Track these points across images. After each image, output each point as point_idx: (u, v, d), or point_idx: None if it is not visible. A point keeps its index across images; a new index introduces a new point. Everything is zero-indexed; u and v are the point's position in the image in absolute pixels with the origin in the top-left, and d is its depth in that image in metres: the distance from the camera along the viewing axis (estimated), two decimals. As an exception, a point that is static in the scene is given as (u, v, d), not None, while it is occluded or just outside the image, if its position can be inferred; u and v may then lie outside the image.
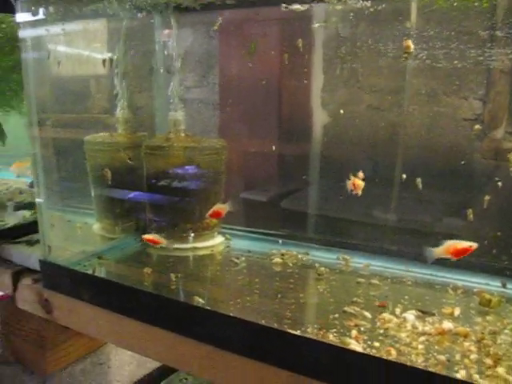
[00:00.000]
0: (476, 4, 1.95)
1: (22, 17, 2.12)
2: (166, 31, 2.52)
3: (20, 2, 2.10)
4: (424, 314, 1.75)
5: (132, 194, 2.41)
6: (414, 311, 1.75)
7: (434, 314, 1.75)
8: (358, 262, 2.19)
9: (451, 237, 2.04)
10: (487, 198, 1.99)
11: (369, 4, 2.07)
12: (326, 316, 1.72)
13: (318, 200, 2.47)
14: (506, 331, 1.64)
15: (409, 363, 1.41)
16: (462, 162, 2.19)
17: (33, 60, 2.19)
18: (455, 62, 2.06)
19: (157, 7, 2.47)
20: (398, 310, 1.76)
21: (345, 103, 2.47)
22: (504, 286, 1.98)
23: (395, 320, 1.69)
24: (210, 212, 2.17)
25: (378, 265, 2.17)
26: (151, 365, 3.00)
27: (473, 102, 2.20)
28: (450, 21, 2.07)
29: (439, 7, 2.04)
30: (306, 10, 2.26)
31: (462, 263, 2.11)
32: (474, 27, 2.02)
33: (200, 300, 1.81)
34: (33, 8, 2.16)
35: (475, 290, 1.96)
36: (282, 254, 2.24)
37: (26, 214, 2.80)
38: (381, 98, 2.38)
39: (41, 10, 2.21)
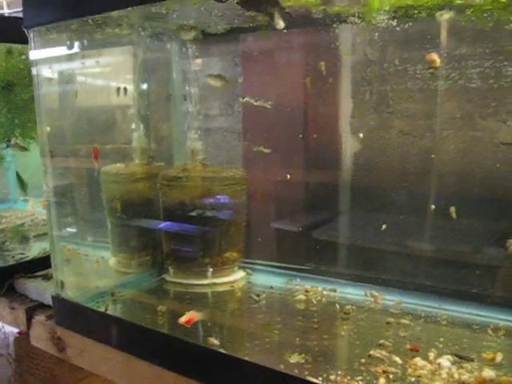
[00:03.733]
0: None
1: (35, 54, 2.06)
2: (197, 60, 2.45)
3: (33, 36, 2.04)
4: (461, 359, 1.57)
5: (148, 227, 2.30)
6: (449, 356, 1.57)
7: (472, 360, 1.57)
8: (390, 299, 2.02)
9: (490, 268, 1.89)
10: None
11: (394, 23, 1.96)
12: (351, 361, 1.56)
13: (347, 231, 2.33)
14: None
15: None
16: (501, 190, 2.03)
17: (48, 91, 2.14)
18: (491, 81, 1.92)
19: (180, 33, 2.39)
20: (431, 355, 1.59)
21: (375, 129, 2.34)
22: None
23: (429, 366, 1.52)
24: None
25: (410, 302, 2.00)
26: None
27: None
28: (485, 38, 1.93)
29: (470, 25, 1.90)
30: (333, 34, 2.17)
31: (503, 300, 1.94)
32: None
33: (214, 341, 1.68)
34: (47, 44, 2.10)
35: (522, 331, 1.77)
36: (307, 291, 2.10)
37: (46, 247, 2.73)
38: (413, 123, 2.24)
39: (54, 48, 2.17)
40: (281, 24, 1.65)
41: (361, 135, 2.22)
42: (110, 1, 1.78)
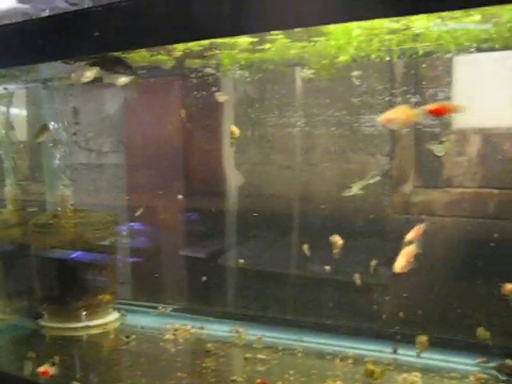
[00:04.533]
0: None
1: None
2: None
3: None
4: (303, 390, 1.70)
5: (23, 273, 2.32)
6: (291, 388, 1.70)
7: (313, 390, 1.70)
8: (253, 333, 2.13)
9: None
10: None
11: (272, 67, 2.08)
12: (202, 399, 1.66)
13: (214, 268, 2.42)
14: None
15: None
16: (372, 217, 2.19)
17: None
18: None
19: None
20: (275, 388, 1.70)
21: (258, 163, 2.47)
22: (395, 351, 1.96)
23: (272, 399, 1.63)
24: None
25: (272, 336, 2.12)
26: None
27: (380, 158, 2.21)
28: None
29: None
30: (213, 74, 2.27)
31: (353, 330, 2.10)
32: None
33: (77, 387, 1.73)
34: None
35: (366, 359, 1.92)
36: (176, 330, 2.18)
37: None
38: (291, 157, 2.37)
39: None
40: (121, 81, 1.76)
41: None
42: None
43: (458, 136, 2.07)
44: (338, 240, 1.92)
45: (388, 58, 1.70)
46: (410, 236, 1.72)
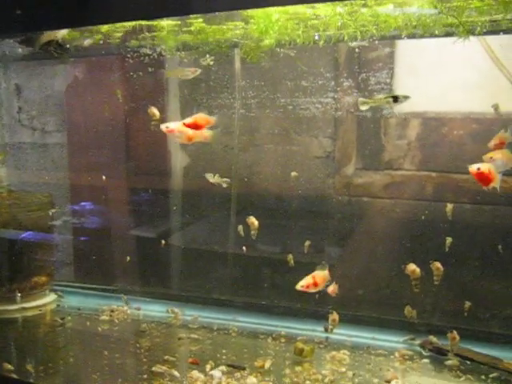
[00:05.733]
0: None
1: None
2: None
3: None
4: (234, 368, 1.73)
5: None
6: (223, 367, 1.72)
7: (244, 369, 1.73)
8: (190, 314, 2.15)
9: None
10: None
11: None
12: (133, 378, 1.67)
13: (149, 248, 2.42)
14: (308, 383, 1.65)
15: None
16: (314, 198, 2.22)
17: None
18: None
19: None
20: (208, 367, 1.72)
21: (204, 144, 2.46)
22: (326, 330, 2.00)
23: (202, 378, 1.66)
24: None
25: (210, 316, 2.14)
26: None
27: (323, 141, 2.23)
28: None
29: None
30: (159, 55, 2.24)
31: (287, 310, 2.14)
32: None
33: (9, 366, 1.72)
34: None
35: (299, 338, 1.97)
36: (112, 311, 2.18)
37: None
38: (236, 138, 2.37)
39: None
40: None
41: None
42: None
43: (398, 120, 2.11)
44: (253, 221, 1.95)
45: (312, 43, 1.72)
46: None
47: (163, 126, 1.65)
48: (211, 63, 1.93)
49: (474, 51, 1.80)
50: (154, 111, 1.90)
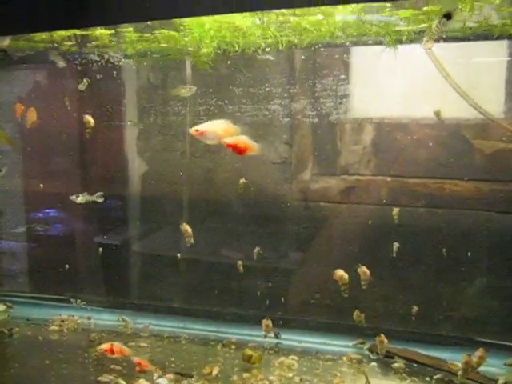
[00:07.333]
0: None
1: None
2: None
3: None
4: (182, 376, 1.73)
5: None
6: (171, 375, 1.72)
7: (192, 376, 1.73)
8: (141, 322, 2.14)
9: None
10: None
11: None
12: (79, 388, 1.66)
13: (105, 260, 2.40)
14: (255, 390, 1.66)
15: None
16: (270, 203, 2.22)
17: None
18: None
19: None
20: (155, 375, 1.72)
21: (160, 151, 2.44)
22: (277, 336, 2.01)
23: (149, 386, 1.65)
24: None
25: (161, 324, 2.14)
26: None
27: (279, 147, 2.24)
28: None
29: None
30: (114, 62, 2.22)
31: (236, 317, 2.14)
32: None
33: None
34: None
35: (249, 344, 1.97)
36: (62, 321, 2.15)
37: None
38: (193, 144, 2.35)
39: None
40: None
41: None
42: None
43: (353, 125, 2.14)
44: (187, 228, 1.96)
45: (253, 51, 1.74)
46: None
47: (192, 130, 1.60)
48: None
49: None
50: (89, 119, 1.90)
